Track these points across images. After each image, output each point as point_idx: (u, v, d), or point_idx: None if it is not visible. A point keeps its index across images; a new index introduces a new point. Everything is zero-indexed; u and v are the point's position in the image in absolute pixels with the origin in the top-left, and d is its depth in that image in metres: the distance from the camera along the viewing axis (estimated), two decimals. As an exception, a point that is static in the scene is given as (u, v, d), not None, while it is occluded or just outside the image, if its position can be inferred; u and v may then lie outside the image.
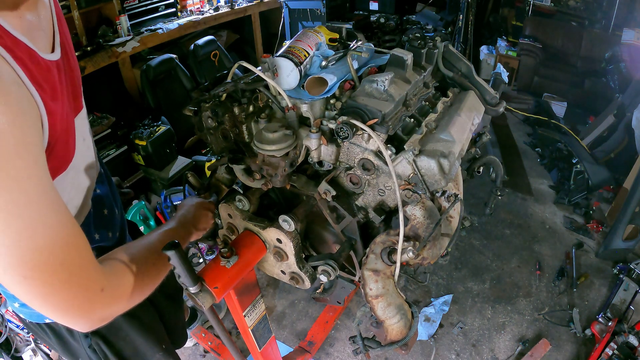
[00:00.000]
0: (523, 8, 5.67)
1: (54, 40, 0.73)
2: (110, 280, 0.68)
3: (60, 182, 0.74)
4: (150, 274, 0.78)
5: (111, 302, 0.68)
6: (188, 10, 4.12)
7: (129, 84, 3.47)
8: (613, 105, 3.92)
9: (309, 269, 1.11)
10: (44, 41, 0.69)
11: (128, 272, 0.72)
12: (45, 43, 0.69)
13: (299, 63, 1.01)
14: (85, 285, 0.63)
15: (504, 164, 3.37)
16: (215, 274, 1.01)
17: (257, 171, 1.01)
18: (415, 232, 0.92)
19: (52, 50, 0.71)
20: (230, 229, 1.20)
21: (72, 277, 0.60)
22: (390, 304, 0.92)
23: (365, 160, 0.95)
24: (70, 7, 3.07)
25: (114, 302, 0.69)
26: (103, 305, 0.66)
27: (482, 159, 1.32)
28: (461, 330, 2.33)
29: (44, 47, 0.68)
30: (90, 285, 0.63)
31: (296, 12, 4.64)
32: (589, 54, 5.01)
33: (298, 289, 1.30)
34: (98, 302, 0.65)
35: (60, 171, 0.73)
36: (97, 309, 0.66)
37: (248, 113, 1.04)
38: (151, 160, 3.06)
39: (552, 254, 2.85)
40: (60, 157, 0.71)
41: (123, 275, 0.71)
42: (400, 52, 1.07)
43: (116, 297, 0.69)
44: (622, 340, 2.12)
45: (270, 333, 1.43)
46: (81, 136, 0.85)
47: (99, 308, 0.66)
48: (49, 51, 0.69)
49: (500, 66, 1.66)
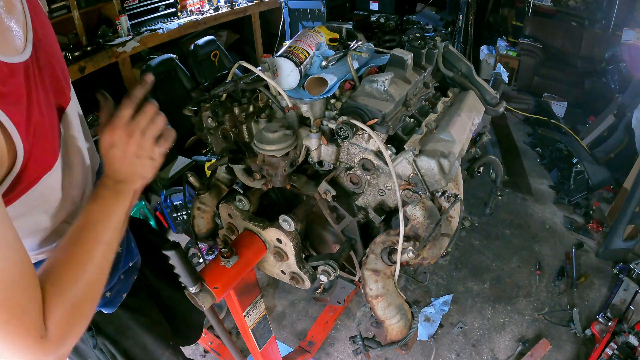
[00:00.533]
0: (523, 8, 5.67)
1: (27, 38, 0.68)
2: (49, 323, 0.60)
3: (47, 181, 0.71)
4: (90, 274, 0.69)
5: (53, 348, 0.61)
6: (188, 10, 4.12)
7: (129, 84, 3.47)
8: (613, 105, 3.92)
9: (309, 269, 1.11)
10: (8, 42, 0.64)
11: (64, 297, 0.63)
12: (10, 44, 0.64)
13: (299, 63, 1.01)
14: (26, 332, 0.57)
15: (504, 164, 3.38)
16: (215, 274, 1.01)
17: (257, 171, 1.01)
18: (415, 232, 0.92)
19: (23, 50, 0.66)
20: (230, 229, 1.20)
21: (13, 319, 0.55)
22: (390, 304, 0.92)
23: (365, 160, 0.95)
24: (70, 7, 3.07)
25: (56, 346, 0.62)
26: (45, 352, 0.60)
27: (482, 159, 1.32)
28: (461, 330, 2.33)
29: (8, 49, 0.63)
30: (31, 333, 0.57)
31: (296, 12, 4.64)
32: (589, 54, 5.01)
33: (298, 289, 1.30)
34: (39, 350, 0.59)
35: (44, 171, 0.70)
36: (39, 355, 0.59)
37: (248, 113, 1.04)
38: (151, 160, 3.05)
39: (552, 254, 2.85)
40: (40, 159, 0.68)
41: (59, 308, 0.62)
42: (400, 52, 1.07)
43: (57, 339, 0.61)
44: (622, 340, 2.12)
45: (270, 333, 1.43)
46: (75, 129, 0.82)
47: (40, 354, 0.59)
48: (16, 52, 0.64)
49: (500, 66, 1.66)
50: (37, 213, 0.76)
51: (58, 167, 0.74)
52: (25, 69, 0.65)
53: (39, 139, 0.66)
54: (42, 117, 0.67)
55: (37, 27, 0.73)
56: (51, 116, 0.72)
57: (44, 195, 0.73)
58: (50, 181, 0.73)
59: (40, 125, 0.66)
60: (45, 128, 0.68)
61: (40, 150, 0.67)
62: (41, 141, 0.67)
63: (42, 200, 0.74)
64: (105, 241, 0.72)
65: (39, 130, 0.66)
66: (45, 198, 0.75)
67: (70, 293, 0.64)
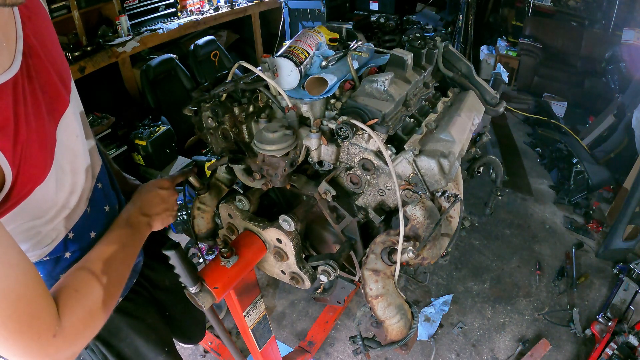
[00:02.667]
0: (523, 8, 5.68)
1: (16, 49, 0.67)
2: (65, 321, 0.68)
3: (39, 192, 0.71)
4: (110, 289, 0.80)
5: (66, 345, 0.68)
6: (188, 10, 4.12)
7: (129, 84, 3.47)
8: (613, 105, 3.92)
9: (309, 269, 1.11)
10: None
11: (83, 301, 0.73)
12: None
13: (299, 63, 1.01)
14: (37, 335, 0.63)
15: (504, 164, 3.39)
16: (215, 274, 1.01)
17: (257, 171, 1.01)
18: (415, 232, 0.91)
19: (10, 66, 0.64)
20: (230, 229, 1.20)
21: (23, 327, 0.61)
22: (390, 304, 0.92)
23: (365, 160, 0.95)
24: (70, 7, 3.08)
25: (70, 343, 0.69)
26: (58, 350, 0.67)
27: (482, 159, 1.32)
28: (461, 330, 2.33)
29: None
30: (42, 334, 0.64)
31: (296, 12, 4.64)
32: (589, 54, 5.01)
33: (298, 289, 1.30)
34: (52, 347, 0.66)
35: (35, 185, 0.70)
36: (53, 354, 0.66)
37: (248, 113, 1.04)
38: (151, 160, 3.06)
39: (552, 254, 2.85)
40: (30, 174, 0.67)
41: (78, 309, 0.72)
42: (400, 52, 1.06)
43: (71, 337, 0.69)
44: (622, 340, 2.12)
45: (270, 333, 1.43)
46: (73, 132, 0.81)
47: (53, 353, 0.66)
48: (2, 70, 0.62)
49: (500, 66, 1.66)
50: (30, 220, 0.76)
51: (51, 177, 0.74)
52: (14, 85, 0.63)
53: (28, 157, 0.65)
54: (29, 133, 0.65)
55: (28, 32, 0.71)
56: (41, 129, 0.70)
57: (36, 205, 0.73)
58: (42, 192, 0.72)
59: (28, 142, 0.65)
60: (34, 143, 0.67)
61: (29, 167, 0.66)
62: (30, 159, 0.66)
63: (36, 209, 0.74)
64: (127, 263, 0.89)
65: (27, 148, 0.65)
66: (38, 207, 0.75)
67: (90, 301, 0.75)
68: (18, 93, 0.64)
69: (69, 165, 0.81)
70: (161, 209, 1.00)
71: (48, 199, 0.76)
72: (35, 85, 0.70)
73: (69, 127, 0.81)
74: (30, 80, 0.68)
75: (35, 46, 0.72)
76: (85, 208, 0.89)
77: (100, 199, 0.95)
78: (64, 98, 0.80)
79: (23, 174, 0.65)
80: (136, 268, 1.13)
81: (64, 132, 0.78)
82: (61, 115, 0.78)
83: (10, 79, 0.63)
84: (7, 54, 0.65)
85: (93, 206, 0.92)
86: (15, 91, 0.63)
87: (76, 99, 0.87)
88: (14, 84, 0.64)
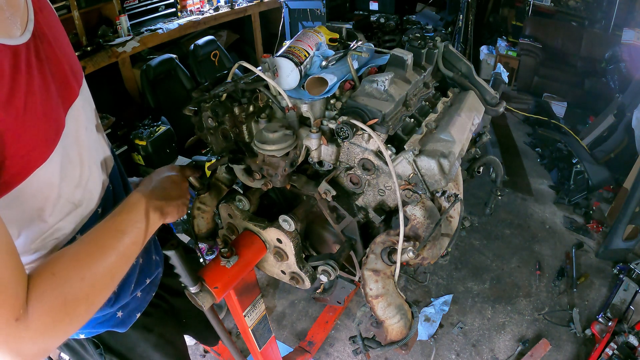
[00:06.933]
0: (523, 8, 5.68)
1: (27, 28, 0.69)
2: (33, 305, 0.57)
3: (41, 175, 0.69)
4: (97, 282, 0.68)
5: (31, 335, 0.57)
6: (188, 10, 4.12)
7: (129, 84, 3.47)
8: (613, 105, 3.92)
9: (309, 269, 1.11)
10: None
11: (60, 289, 0.61)
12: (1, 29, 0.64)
13: (299, 63, 1.01)
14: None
15: (504, 164, 3.38)
16: (215, 274, 1.01)
17: (257, 171, 1.01)
18: (415, 232, 0.91)
19: (19, 37, 0.66)
20: (230, 229, 1.20)
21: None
22: (390, 304, 0.92)
23: (365, 160, 0.95)
24: (70, 7, 3.08)
25: (36, 335, 0.58)
26: (20, 339, 0.56)
27: (482, 159, 1.32)
28: (461, 330, 2.33)
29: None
30: (3, 311, 0.54)
31: (296, 12, 4.64)
32: (589, 54, 5.01)
33: (298, 289, 1.30)
34: (13, 334, 0.55)
35: (35, 163, 0.67)
36: (12, 343, 0.56)
37: (248, 113, 1.04)
38: (151, 160, 3.06)
39: (552, 254, 2.86)
40: (27, 146, 0.65)
41: (51, 295, 0.60)
42: (400, 52, 1.06)
43: (38, 327, 0.58)
44: (622, 340, 2.12)
45: (270, 333, 1.43)
46: (82, 125, 0.81)
47: (13, 341, 0.56)
48: (7, 36, 0.64)
49: (500, 66, 1.66)
50: (34, 210, 0.73)
51: (54, 161, 0.71)
52: (16, 52, 0.64)
53: (23, 123, 0.63)
54: (32, 104, 0.65)
55: (40, 20, 0.73)
56: (47, 103, 0.69)
57: (38, 189, 0.70)
58: (45, 176, 0.70)
59: (26, 110, 0.64)
60: (36, 116, 0.65)
61: (25, 136, 0.64)
62: (26, 127, 0.64)
63: (38, 193, 0.71)
64: (122, 252, 0.73)
65: (23, 115, 0.63)
66: (40, 194, 0.71)
67: (68, 288, 0.62)
68: (20, 61, 0.64)
69: (77, 156, 0.79)
70: (176, 194, 0.88)
71: (51, 186, 0.73)
72: (45, 67, 0.71)
73: (79, 118, 0.81)
74: (39, 61, 0.70)
75: (47, 35, 0.74)
76: (96, 208, 0.87)
77: (112, 201, 0.93)
78: (73, 88, 0.81)
79: (17, 142, 0.63)
80: (155, 280, 1.11)
81: (74, 120, 0.78)
82: (71, 104, 0.79)
83: (12, 45, 0.64)
84: (17, 28, 0.67)
85: (104, 207, 0.90)
86: (16, 58, 0.64)
87: (87, 94, 0.87)
88: (16, 51, 0.64)
